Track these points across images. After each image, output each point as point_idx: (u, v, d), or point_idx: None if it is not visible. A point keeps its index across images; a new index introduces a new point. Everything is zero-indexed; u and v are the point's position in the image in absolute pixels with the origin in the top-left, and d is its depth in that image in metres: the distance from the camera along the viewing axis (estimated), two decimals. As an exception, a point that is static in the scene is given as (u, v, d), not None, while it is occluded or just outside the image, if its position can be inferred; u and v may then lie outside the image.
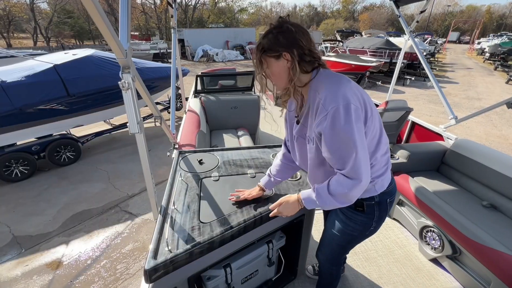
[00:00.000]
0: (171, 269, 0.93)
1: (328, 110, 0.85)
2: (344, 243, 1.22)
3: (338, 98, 0.85)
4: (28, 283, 2.37)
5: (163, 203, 1.19)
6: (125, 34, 0.88)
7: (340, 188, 0.91)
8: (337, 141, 0.86)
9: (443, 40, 34.30)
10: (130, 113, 0.94)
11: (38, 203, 3.50)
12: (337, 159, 0.90)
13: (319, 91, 0.90)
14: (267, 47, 0.92)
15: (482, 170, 1.94)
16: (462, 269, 1.67)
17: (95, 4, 0.65)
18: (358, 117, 0.86)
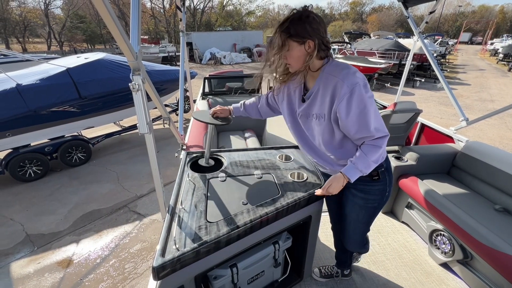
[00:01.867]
0: (178, 267, 0.95)
1: (351, 88, 1.00)
2: (369, 218, 1.35)
3: (356, 78, 1.01)
4: (40, 280, 2.43)
5: (171, 202, 1.21)
6: (136, 38, 0.90)
7: (377, 150, 1.08)
8: (363, 111, 1.02)
9: (454, 41, 33.63)
10: (140, 114, 0.96)
11: (50, 203, 3.59)
12: (364, 127, 1.05)
13: (337, 75, 1.03)
14: (294, 33, 1.00)
15: (494, 173, 1.89)
16: (474, 274, 1.62)
17: (108, 9, 0.68)
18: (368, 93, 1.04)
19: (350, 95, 1.00)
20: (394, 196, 2.35)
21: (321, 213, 1.50)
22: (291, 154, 1.70)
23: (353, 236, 1.44)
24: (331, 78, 1.05)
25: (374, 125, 1.05)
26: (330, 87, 1.05)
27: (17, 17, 25.90)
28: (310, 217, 1.40)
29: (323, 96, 1.09)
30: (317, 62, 1.08)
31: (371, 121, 1.04)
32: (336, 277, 1.79)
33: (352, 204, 1.32)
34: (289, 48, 1.03)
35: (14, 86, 3.71)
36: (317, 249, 1.99)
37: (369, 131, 1.05)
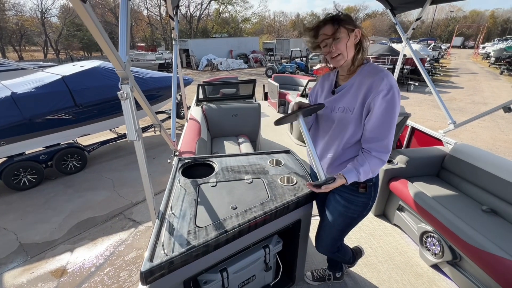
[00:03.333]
0: (166, 271, 0.96)
1: (390, 88, 1.04)
2: (344, 227, 1.36)
3: (395, 82, 1.07)
4: (33, 291, 2.40)
5: (161, 208, 1.22)
6: (124, 48, 0.93)
7: (379, 164, 1.13)
8: (390, 113, 1.06)
9: (447, 46, 34.23)
10: (128, 121, 0.99)
11: (45, 211, 3.56)
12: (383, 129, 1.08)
13: (376, 74, 1.08)
14: (346, 20, 1.08)
15: (481, 174, 1.93)
16: (463, 275, 1.64)
17: (94, 21, 0.70)
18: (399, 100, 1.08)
19: (387, 93, 1.04)
20: (385, 199, 2.38)
21: (310, 216, 1.51)
22: (282, 159, 1.72)
23: (325, 239, 1.45)
24: (369, 76, 1.10)
25: (390, 137, 1.09)
26: (366, 83, 1.09)
27: (14, 25, 25.96)
28: (300, 220, 1.42)
29: (357, 90, 1.12)
30: (360, 59, 1.14)
31: (391, 129, 1.08)
32: (328, 280, 1.79)
33: (332, 209, 1.35)
34: (337, 35, 1.07)
35: (9, 94, 3.72)
36: (309, 253, 2.00)
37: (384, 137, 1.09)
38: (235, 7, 34.28)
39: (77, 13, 0.70)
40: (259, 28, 44.17)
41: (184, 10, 32.21)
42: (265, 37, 37.94)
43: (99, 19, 0.95)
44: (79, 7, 0.69)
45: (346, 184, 1.14)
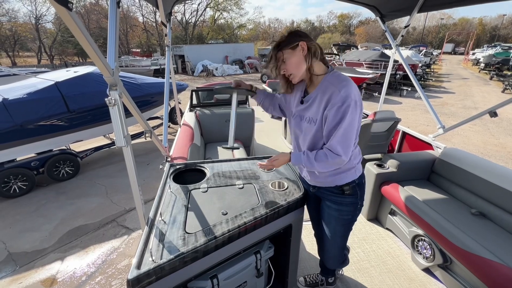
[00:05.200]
0: (154, 279, 0.94)
1: (344, 102, 1.07)
2: (344, 231, 1.42)
3: (352, 95, 1.08)
4: (21, 301, 2.33)
5: (150, 214, 1.21)
6: (112, 54, 0.94)
7: (324, 158, 1.16)
8: (343, 125, 1.09)
9: (438, 52, 34.99)
10: (116, 127, 0.99)
11: (35, 219, 3.49)
12: (335, 137, 1.11)
13: (335, 85, 1.12)
14: (284, 44, 1.14)
15: (470, 178, 1.96)
16: (454, 278, 1.66)
17: (81, 28, 0.71)
18: (359, 112, 1.12)
19: (341, 104, 1.08)
20: (378, 203, 2.39)
21: (302, 221, 1.51)
22: None
23: (331, 251, 1.50)
24: (330, 87, 1.13)
25: (341, 139, 1.11)
26: (327, 95, 1.13)
27: (8, 31, 25.77)
28: (291, 225, 1.42)
29: (320, 102, 1.16)
30: (320, 66, 1.19)
31: (344, 136, 1.11)
32: (321, 285, 1.79)
33: (328, 216, 1.40)
34: (284, 58, 1.14)
35: (0, 100, 3.67)
36: (302, 258, 1.99)
37: (334, 140, 1.12)
38: (230, 13, 34.64)
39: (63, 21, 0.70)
40: (255, 35, 44.64)
41: (179, 17, 32.43)
42: (260, 43, 38.32)
43: (94, 26, 0.95)
44: (65, 15, 0.69)
45: (290, 163, 1.29)
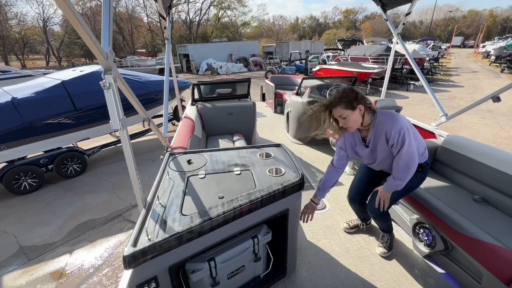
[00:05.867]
0: (150, 257, 0.96)
1: (400, 134, 1.41)
2: (403, 192, 1.68)
3: (401, 125, 1.42)
4: (32, 292, 2.40)
5: (148, 198, 1.23)
6: (106, 39, 0.95)
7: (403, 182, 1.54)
8: (404, 148, 1.43)
9: (446, 45, 34.23)
10: (112, 111, 1.00)
11: (45, 214, 3.58)
12: (406, 158, 1.45)
13: (386, 125, 1.45)
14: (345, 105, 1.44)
15: (473, 165, 1.93)
16: (455, 264, 1.63)
17: (74, 13, 0.72)
18: (412, 130, 1.45)
19: (398, 137, 1.41)
20: None
21: (299, 207, 1.51)
22: (272, 152, 1.74)
23: None
24: (382, 128, 1.47)
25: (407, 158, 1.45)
26: (383, 134, 1.47)
27: (17, 35, 26.38)
28: (288, 210, 1.42)
29: (381, 140, 1.50)
30: (368, 115, 1.50)
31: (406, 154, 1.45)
32: (362, 228, 2.16)
33: None
34: (343, 115, 1.45)
35: (9, 99, 3.77)
36: (302, 246, 2.00)
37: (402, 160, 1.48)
38: (234, 11, 34.62)
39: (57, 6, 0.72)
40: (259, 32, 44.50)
41: (184, 16, 32.59)
42: (264, 41, 38.18)
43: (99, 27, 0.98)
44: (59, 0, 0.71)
45: None
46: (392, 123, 1.42)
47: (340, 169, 1.75)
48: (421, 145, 1.62)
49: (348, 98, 1.43)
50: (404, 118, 1.49)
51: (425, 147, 1.67)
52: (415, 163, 1.48)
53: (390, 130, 1.42)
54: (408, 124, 1.45)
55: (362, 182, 1.94)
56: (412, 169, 1.49)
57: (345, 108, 1.43)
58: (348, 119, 1.45)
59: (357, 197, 1.98)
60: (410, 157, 1.45)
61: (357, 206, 2.03)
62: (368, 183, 1.92)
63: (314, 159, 3.55)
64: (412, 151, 1.44)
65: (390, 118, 1.44)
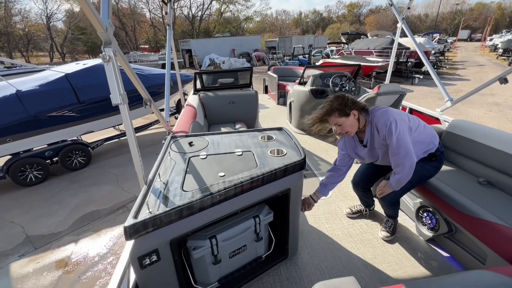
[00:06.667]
0: (150, 229, 0.97)
1: (386, 125, 1.43)
2: (416, 180, 1.65)
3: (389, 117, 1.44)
4: (38, 279, 2.45)
5: (149, 176, 1.24)
6: (106, 11, 0.94)
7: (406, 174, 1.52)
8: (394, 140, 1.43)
9: (453, 39, 33.59)
10: (112, 85, 1.00)
11: (51, 205, 3.63)
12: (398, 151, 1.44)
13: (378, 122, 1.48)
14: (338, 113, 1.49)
15: (477, 148, 1.90)
16: (459, 246, 1.62)
17: None
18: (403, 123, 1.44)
19: (386, 128, 1.44)
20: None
21: (301, 187, 1.50)
22: (273, 135, 1.74)
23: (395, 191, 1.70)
24: (374, 123, 1.50)
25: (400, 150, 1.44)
26: (375, 129, 1.51)
27: (21, 31, 26.52)
28: (289, 189, 1.41)
29: (374, 136, 1.54)
30: (363, 117, 1.54)
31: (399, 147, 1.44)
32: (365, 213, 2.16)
33: None
34: (339, 122, 1.51)
35: (14, 92, 3.80)
36: (304, 231, 2.01)
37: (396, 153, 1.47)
38: (237, 6, 34.31)
39: None
40: (262, 27, 44.15)
41: (186, 11, 32.42)
42: (267, 36, 37.89)
43: None
44: None
45: None
46: (380, 117, 1.46)
47: (343, 168, 1.76)
48: (428, 134, 1.61)
49: (340, 106, 1.48)
50: (396, 111, 1.50)
51: (434, 136, 1.64)
52: (410, 155, 1.45)
53: (379, 124, 1.46)
54: (399, 116, 1.45)
55: (369, 168, 1.94)
56: (408, 162, 1.47)
57: (339, 116, 1.49)
58: (344, 125, 1.51)
59: (362, 183, 1.99)
60: (402, 147, 1.43)
61: (361, 191, 2.04)
62: (375, 170, 1.92)
63: (317, 148, 3.54)
64: (402, 141, 1.42)
65: (380, 113, 1.48)
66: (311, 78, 3.83)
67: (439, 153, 1.65)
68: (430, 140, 1.62)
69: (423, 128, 1.59)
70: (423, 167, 1.64)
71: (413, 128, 1.53)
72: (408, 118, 1.54)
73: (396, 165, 1.53)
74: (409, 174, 1.51)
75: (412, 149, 1.46)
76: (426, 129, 1.62)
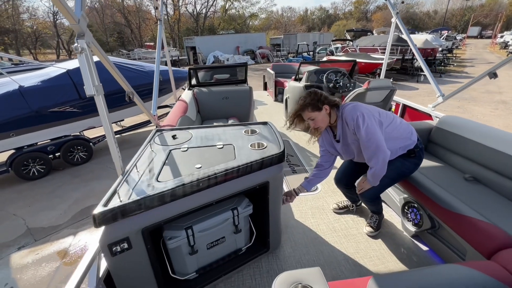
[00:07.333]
0: (120, 217, 0.98)
1: (354, 120, 1.46)
2: (395, 176, 1.68)
3: (356, 112, 1.47)
4: (37, 270, 2.52)
5: (127, 167, 1.25)
6: (79, 3, 0.96)
7: (375, 165, 1.52)
8: (362, 133, 1.45)
9: (462, 36, 32.88)
10: (85, 76, 1.02)
11: (52, 199, 3.71)
12: (368, 144, 1.47)
13: (347, 117, 1.51)
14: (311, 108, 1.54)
15: (465, 143, 1.89)
16: (441, 242, 1.62)
17: None
18: (371, 117, 1.46)
19: (354, 123, 1.46)
20: None
21: (281, 180, 1.50)
22: (258, 129, 1.75)
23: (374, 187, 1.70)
24: (344, 119, 1.53)
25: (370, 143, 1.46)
26: (346, 125, 1.54)
27: (29, 29, 26.94)
28: (268, 182, 1.41)
29: (346, 132, 1.58)
30: (334, 112, 1.59)
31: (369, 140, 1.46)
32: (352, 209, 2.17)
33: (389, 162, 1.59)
34: (311, 116, 1.55)
35: (16, 88, 3.87)
36: (290, 225, 2.02)
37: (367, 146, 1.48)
38: (241, 2, 34.18)
39: None
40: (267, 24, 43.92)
41: (191, 8, 32.44)
42: (272, 33, 37.67)
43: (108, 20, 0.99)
44: None
45: None
46: (349, 112, 1.50)
47: (325, 164, 1.79)
48: (404, 130, 1.61)
49: (312, 101, 1.55)
50: (366, 106, 1.54)
51: (411, 132, 1.64)
52: (380, 148, 1.46)
53: (348, 118, 1.50)
54: (367, 111, 1.49)
55: (350, 165, 1.95)
56: (380, 154, 1.48)
57: (312, 111, 1.55)
58: (316, 120, 1.56)
59: (343, 180, 2.01)
60: (371, 140, 1.45)
61: (343, 188, 2.06)
62: (355, 168, 1.93)
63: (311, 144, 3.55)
64: (371, 134, 1.44)
65: (349, 108, 1.52)
66: (306, 74, 3.82)
67: (418, 150, 1.65)
68: (407, 135, 1.62)
69: (399, 124, 1.60)
70: (402, 163, 1.65)
71: (386, 123, 1.54)
72: (380, 113, 1.56)
73: (369, 159, 1.54)
74: (383, 167, 1.52)
75: (383, 142, 1.47)
76: (402, 124, 1.62)
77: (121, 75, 1.42)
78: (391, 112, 1.66)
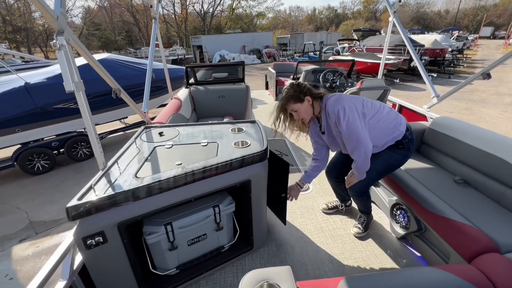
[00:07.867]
0: (94, 210, 1.00)
1: (335, 113, 1.46)
2: (383, 169, 1.66)
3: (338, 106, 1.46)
4: (37, 262, 2.58)
5: (109, 162, 1.27)
6: (58, 1, 0.97)
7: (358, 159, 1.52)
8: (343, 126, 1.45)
9: (474, 36, 32.12)
10: (64, 72, 1.03)
11: (55, 194, 3.79)
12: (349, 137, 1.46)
13: (329, 109, 1.51)
14: (293, 100, 1.55)
15: (456, 145, 1.85)
16: (427, 245, 1.59)
17: None
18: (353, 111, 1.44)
19: (335, 116, 1.46)
20: None
21: (265, 179, 1.50)
22: (244, 127, 1.75)
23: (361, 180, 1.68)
24: (328, 112, 1.53)
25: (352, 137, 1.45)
26: (329, 117, 1.54)
27: (40, 27, 27.54)
28: (249, 181, 1.41)
29: (331, 124, 1.57)
30: (317, 103, 1.59)
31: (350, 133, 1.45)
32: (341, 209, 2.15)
33: (376, 155, 1.61)
34: (294, 108, 1.56)
35: (22, 84, 3.97)
36: (277, 224, 2.01)
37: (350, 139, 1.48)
38: (248, 2, 34.16)
39: None
40: (275, 23, 43.79)
41: (198, 7, 32.58)
42: (279, 32, 37.54)
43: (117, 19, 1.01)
44: None
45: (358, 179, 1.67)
46: (331, 104, 1.50)
47: (319, 157, 1.79)
48: (392, 120, 1.57)
49: (294, 93, 1.56)
50: (349, 97, 1.52)
51: (399, 122, 1.60)
52: (362, 141, 1.45)
53: (330, 111, 1.50)
54: (350, 103, 1.47)
55: (340, 158, 1.95)
56: (362, 147, 1.47)
57: (295, 103, 1.56)
58: (299, 111, 1.57)
59: (334, 172, 2.00)
60: (353, 134, 1.44)
61: (334, 180, 2.05)
62: (346, 160, 1.91)
63: (307, 144, 3.54)
64: (352, 127, 1.43)
65: (331, 100, 1.52)
66: (303, 73, 3.81)
67: (406, 141, 1.60)
68: (394, 126, 1.58)
69: (386, 114, 1.57)
70: (390, 155, 1.62)
71: (369, 114, 1.51)
72: (364, 104, 1.52)
73: (351, 151, 1.54)
74: (366, 160, 1.52)
75: (364, 135, 1.45)
76: (390, 114, 1.59)
77: (107, 72, 1.44)
78: (379, 102, 1.62)
